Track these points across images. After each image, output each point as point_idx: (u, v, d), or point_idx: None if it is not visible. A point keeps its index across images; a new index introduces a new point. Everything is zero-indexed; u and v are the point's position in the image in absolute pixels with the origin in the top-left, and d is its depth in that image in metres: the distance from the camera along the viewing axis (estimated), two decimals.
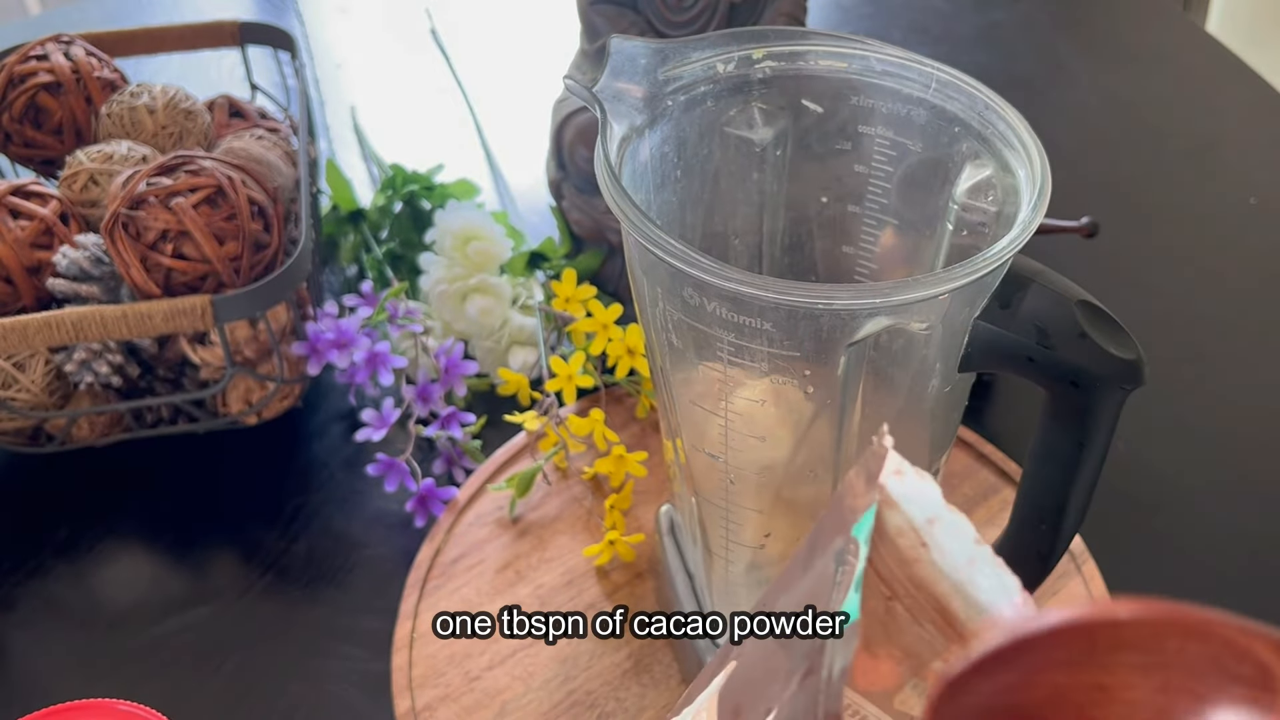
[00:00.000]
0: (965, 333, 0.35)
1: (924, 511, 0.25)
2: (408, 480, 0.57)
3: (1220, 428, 0.62)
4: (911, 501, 0.26)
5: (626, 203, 0.33)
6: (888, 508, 0.26)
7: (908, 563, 0.26)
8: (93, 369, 0.56)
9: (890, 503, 0.26)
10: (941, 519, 0.25)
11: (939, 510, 0.25)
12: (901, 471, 0.26)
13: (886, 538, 0.26)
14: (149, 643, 0.52)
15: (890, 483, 0.25)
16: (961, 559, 0.25)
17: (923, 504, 0.26)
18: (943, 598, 0.26)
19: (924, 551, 0.26)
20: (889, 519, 0.26)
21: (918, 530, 0.26)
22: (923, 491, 0.25)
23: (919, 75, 0.38)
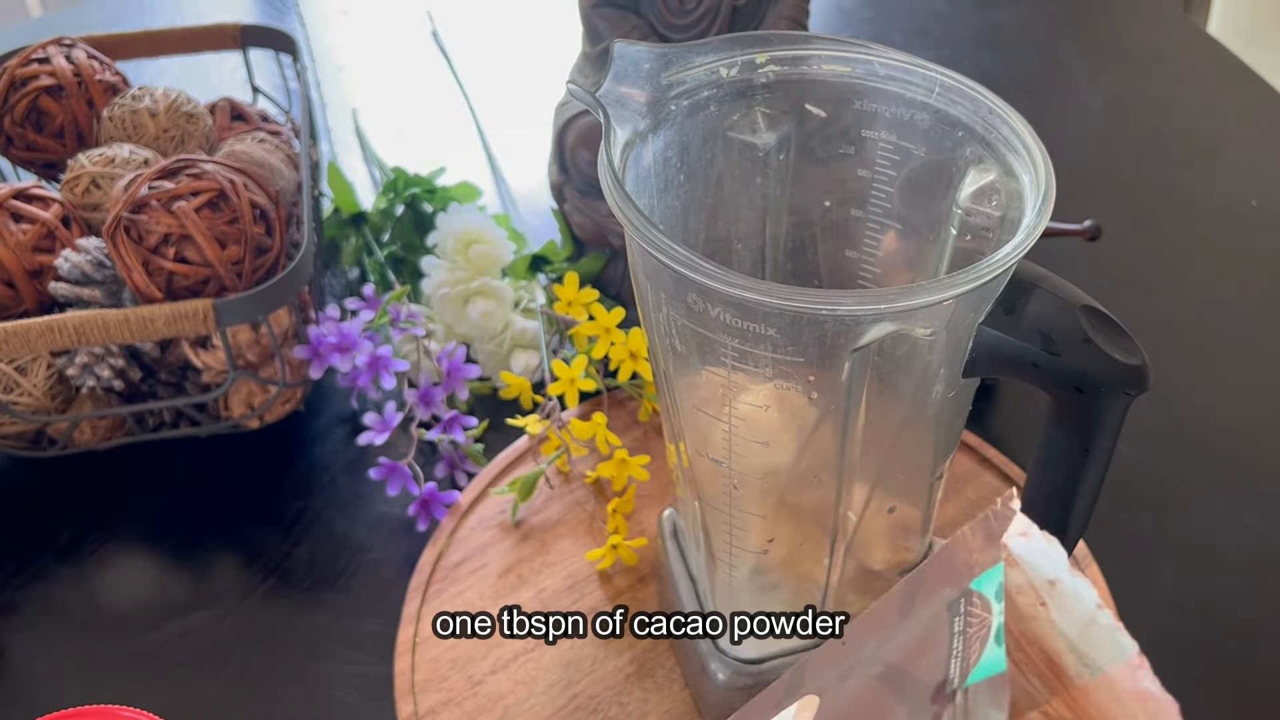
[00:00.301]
0: (969, 338, 0.35)
1: (1046, 574, 0.26)
2: (410, 484, 0.56)
3: (1224, 432, 0.62)
4: (1034, 563, 0.26)
5: (630, 208, 0.33)
6: (1010, 566, 0.27)
7: (1024, 619, 0.27)
8: (95, 373, 0.56)
9: (1013, 562, 0.26)
10: (1063, 583, 0.26)
11: (1062, 575, 0.26)
12: (1028, 534, 0.26)
13: (1005, 594, 0.27)
14: (151, 647, 0.52)
15: (1015, 543, 0.26)
16: (1081, 621, 0.26)
17: (1046, 566, 0.26)
18: (1055, 654, 0.27)
19: (1042, 610, 0.27)
20: (1010, 577, 0.27)
21: (1038, 590, 0.27)
22: (1047, 554, 0.26)
23: (922, 79, 0.38)
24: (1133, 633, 0.54)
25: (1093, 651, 0.26)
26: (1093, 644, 0.26)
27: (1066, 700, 0.27)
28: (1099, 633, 0.26)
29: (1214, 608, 0.53)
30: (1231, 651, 0.51)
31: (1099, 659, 0.26)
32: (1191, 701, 0.51)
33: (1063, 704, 0.28)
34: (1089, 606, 0.26)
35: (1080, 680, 0.27)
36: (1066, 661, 0.27)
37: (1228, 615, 0.53)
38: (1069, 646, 0.27)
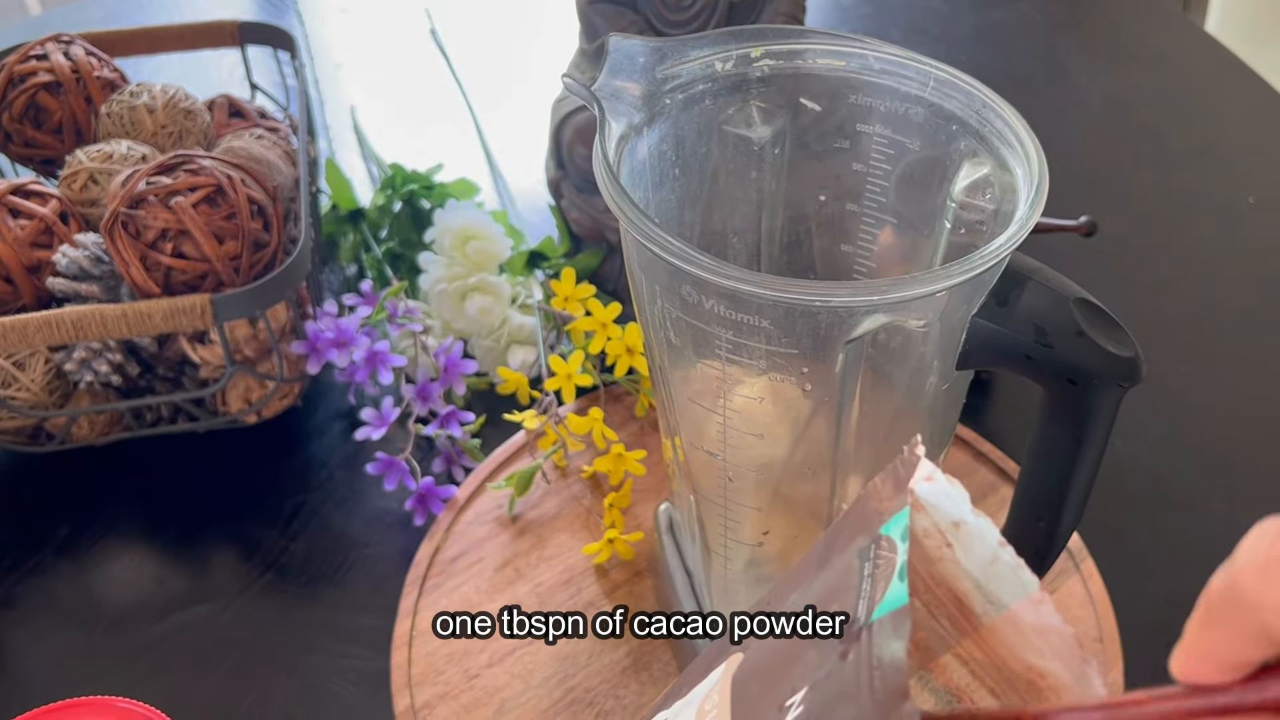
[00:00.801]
0: (963, 330, 0.35)
1: (951, 516, 0.27)
2: (407, 479, 0.57)
3: (1218, 425, 0.62)
4: (939, 506, 0.27)
5: (625, 201, 0.33)
6: (916, 511, 0.27)
7: (931, 561, 0.28)
8: (92, 368, 0.56)
9: (919, 506, 0.27)
10: (967, 522, 0.27)
11: (965, 514, 0.27)
12: (932, 478, 0.27)
13: (913, 538, 0.27)
14: (149, 641, 0.52)
15: (920, 487, 0.27)
16: (984, 559, 0.27)
17: (950, 509, 0.27)
18: (963, 595, 0.28)
19: (948, 551, 0.27)
20: (917, 521, 0.27)
21: (943, 532, 0.27)
22: (951, 497, 0.27)
23: (917, 74, 0.39)
24: (1128, 628, 0.54)
25: (997, 589, 0.27)
26: (996, 581, 0.27)
27: (975, 640, 0.28)
28: (1002, 570, 0.27)
29: None
30: None
31: (1003, 595, 0.27)
32: None
33: (972, 644, 0.28)
34: (991, 545, 0.27)
35: (987, 619, 0.28)
36: (973, 600, 0.28)
37: None
38: (975, 585, 0.27)
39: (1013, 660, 0.28)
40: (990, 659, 0.29)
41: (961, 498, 0.27)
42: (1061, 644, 0.27)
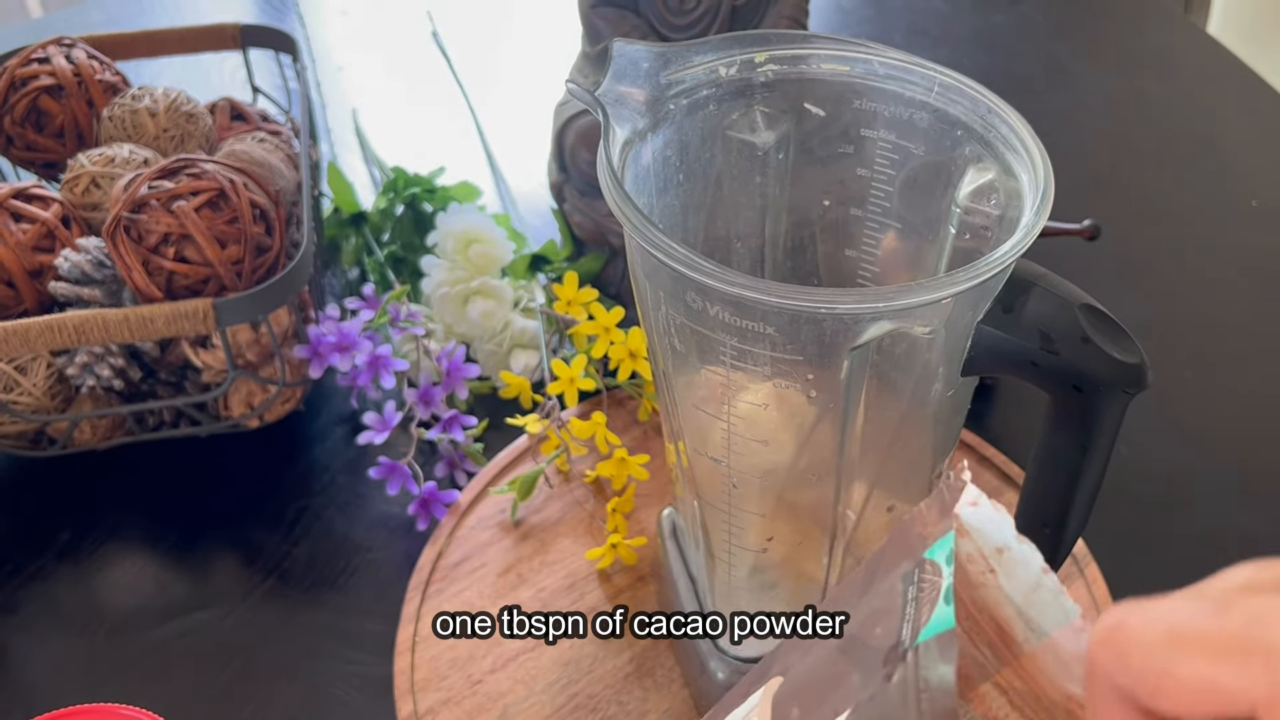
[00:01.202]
0: (968, 337, 0.35)
1: (995, 541, 0.27)
2: (410, 483, 0.56)
3: (1223, 430, 0.62)
4: (984, 531, 0.27)
5: (629, 207, 0.33)
6: (961, 536, 0.27)
7: (974, 587, 0.28)
8: (94, 372, 0.56)
9: (964, 531, 0.27)
10: (1011, 548, 0.27)
11: (1010, 541, 0.27)
12: (977, 503, 0.27)
13: (957, 563, 0.27)
14: (151, 646, 0.52)
15: (965, 512, 0.27)
16: (1027, 585, 0.27)
17: (994, 534, 0.27)
18: (1005, 621, 0.27)
19: (991, 577, 0.27)
20: (961, 546, 0.27)
21: (987, 558, 0.27)
22: (995, 522, 0.27)
23: (921, 79, 0.38)
24: None
25: (1038, 616, 0.27)
26: (1038, 608, 0.27)
27: (1015, 668, 0.28)
28: (1044, 596, 0.27)
29: None
30: None
31: (1044, 623, 0.27)
32: None
33: (1012, 673, 0.28)
34: (1035, 571, 0.27)
35: (1028, 646, 0.28)
36: (1015, 627, 0.28)
37: None
38: (1017, 612, 0.27)
39: (1052, 689, 0.28)
40: (1030, 688, 0.29)
41: (1006, 523, 0.27)
42: None
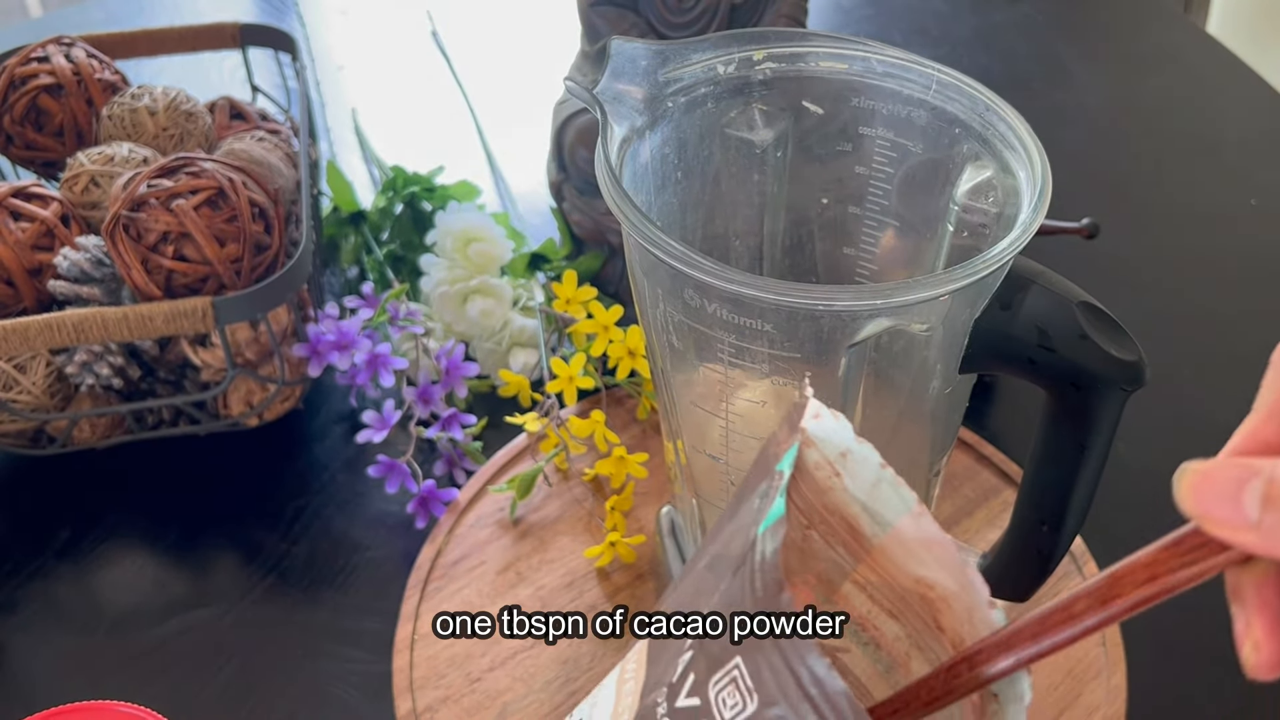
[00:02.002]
0: (966, 334, 0.35)
1: (838, 447, 0.29)
2: (409, 482, 0.57)
3: (1222, 430, 0.62)
4: (828, 439, 0.29)
5: (627, 204, 0.33)
6: (807, 446, 0.29)
7: (823, 491, 0.30)
8: (94, 371, 0.56)
9: (809, 442, 0.29)
10: (852, 451, 0.29)
11: (850, 444, 0.29)
12: (819, 415, 0.29)
13: (806, 472, 0.30)
14: (150, 645, 0.52)
15: (810, 425, 0.29)
16: (869, 482, 0.29)
17: (837, 441, 0.29)
18: (853, 519, 0.30)
19: (837, 480, 0.30)
20: (808, 456, 0.29)
21: (832, 463, 0.29)
22: (837, 430, 0.29)
23: (919, 77, 0.38)
24: (1131, 631, 0.54)
25: (881, 508, 0.29)
26: (881, 502, 0.29)
27: (869, 563, 0.30)
28: (885, 490, 0.29)
29: (1212, 605, 0.53)
30: (1230, 650, 0.51)
31: (887, 514, 0.29)
32: (1192, 698, 0.51)
33: (867, 568, 0.30)
34: (874, 468, 0.29)
35: (876, 539, 0.30)
36: (863, 523, 0.30)
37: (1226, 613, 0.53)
38: (862, 509, 0.30)
39: (902, 576, 0.30)
40: (884, 579, 0.31)
41: (846, 429, 0.29)
42: (943, 553, 0.29)
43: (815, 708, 0.23)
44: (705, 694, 0.25)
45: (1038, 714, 0.47)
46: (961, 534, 0.55)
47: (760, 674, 0.24)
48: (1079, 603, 0.24)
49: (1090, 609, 0.24)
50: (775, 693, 0.23)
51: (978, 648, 0.26)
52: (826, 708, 0.22)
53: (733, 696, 0.25)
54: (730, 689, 0.25)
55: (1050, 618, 0.24)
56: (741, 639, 0.25)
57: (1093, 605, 0.24)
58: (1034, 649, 0.25)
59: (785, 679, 0.23)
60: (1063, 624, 0.24)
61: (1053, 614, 0.24)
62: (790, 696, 0.23)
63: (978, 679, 0.26)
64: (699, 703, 0.26)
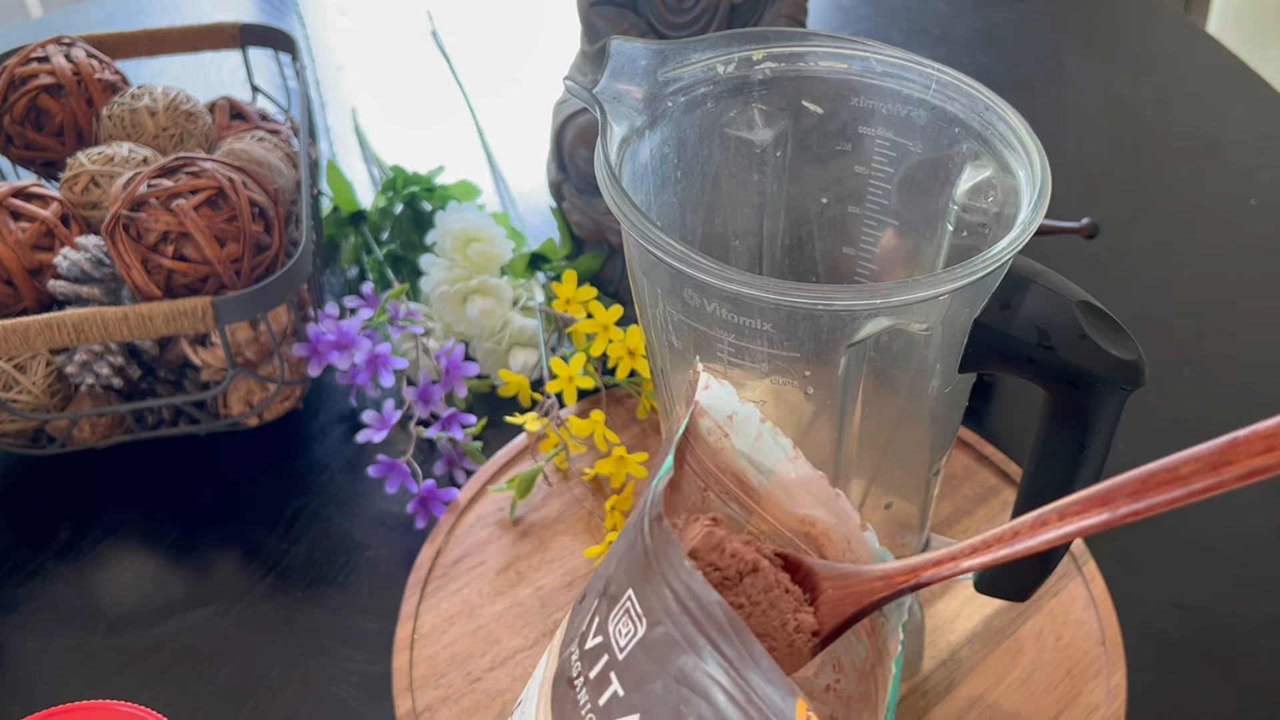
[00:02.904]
0: (965, 333, 0.35)
1: (725, 411, 0.32)
2: (409, 481, 0.57)
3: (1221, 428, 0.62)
4: (717, 407, 0.32)
5: (627, 204, 0.33)
6: (700, 415, 0.32)
7: (714, 452, 0.33)
8: (94, 371, 0.56)
9: (702, 412, 0.32)
10: (738, 413, 0.32)
11: (735, 407, 0.32)
12: (709, 387, 0.32)
13: (700, 438, 0.32)
14: (150, 644, 0.52)
15: (701, 397, 0.32)
16: (751, 436, 0.32)
17: (724, 406, 0.32)
18: (741, 473, 0.33)
19: (726, 440, 0.32)
20: (701, 424, 0.32)
21: (721, 426, 0.32)
22: (723, 396, 0.32)
23: (919, 76, 0.38)
24: (1131, 631, 0.54)
25: (763, 458, 0.32)
26: (762, 452, 0.32)
27: (759, 514, 0.33)
28: (764, 441, 0.32)
29: (1212, 605, 0.53)
30: (1230, 650, 0.51)
31: (769, 463, 0.32)
32: (1191, 699, 0.51)
33: (759, 519, 0.33)
34: (755, 423, 0.32)
35: (763, 489, 0.32)
36: (750, 476, 0.32)
37: (1226, 613, 0.53)
38: (749, 462, 0.32)
39: (788, 519, 0.32)
40: (773, 528, 0.33)
41: (731, 395, 0.32)
42: (819, 490, 0.31)
43: (694, 619, 0.25)
44: (606, 630, 0.28)
45: (1037, 713, 0.47)
46: (961, 533, 0.55)
47: (648, 598, 0.26)
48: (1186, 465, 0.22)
49: (1198, 473, 0.22)
50: (660, 613, 0.26)
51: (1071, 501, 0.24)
52: (703, 617, 0.24)
53: (626, 625, 0.27)
54: (624, 619, 0.27)
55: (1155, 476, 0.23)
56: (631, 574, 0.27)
57: (1201, 469, 0.22)
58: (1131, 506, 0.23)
59: (667, 598, 0.25)
60: (1167, 484, 0.23)
61: (1157, 473, 0.23)
62: (672, 614, 0.25)
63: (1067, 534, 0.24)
64: (602, 640, 0.28)
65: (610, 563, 0.30)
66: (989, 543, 0.26)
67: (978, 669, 0.49)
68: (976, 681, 0.48)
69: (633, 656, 0.26)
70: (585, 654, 0.28)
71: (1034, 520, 0.25)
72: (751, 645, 0.24)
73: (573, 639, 0.30)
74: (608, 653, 0.27)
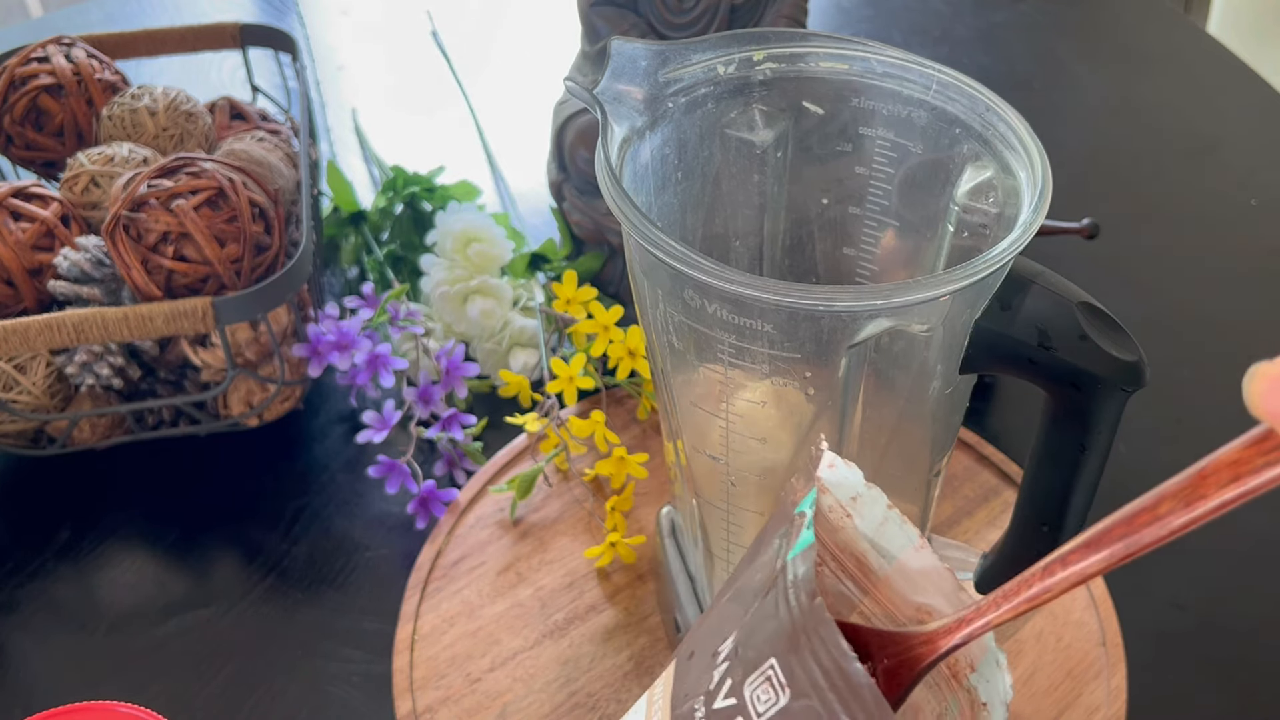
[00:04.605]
0: (966, 334, 0.35)
1: (849, 491, 0.32)
2: (409, 482, 0.57)
3: (1222, 431, 0.62)
4: (840, 485, 0.32)
5: (627, 205, 0.33)
6: (822, 493, 0.32)
7: (835, 530, 0.33)
8: (94, 371, 0.56)
9: (824, 489, 0.32)
10: (862, 495, 0.32)
11: (860, 489, 0.32)
12: (834, 464, 0.32)
13: (820, 515, 0.32)
14: (150, 645, 0.52)
15: (824, 473, 0.32)
16: (877, 521, 0.32)
17: (848, 486, 0.32)
18: (862, 555, 0.33)
19: (848, 521, 0.32)
20: (822, 501, 0.32)
21: (844, 505, 0.32)
22: (848, 477, 0.32)
23: (920, 77, 0.38)
24: (1131, 631, 0.54)
25: (887, 544, 0.32)
26: (887, 538, 0.32)
27: (874, 595, 0.33)
28: (891, 528, 0.32)
29: (1213, 606, 0.53)
30: (1230, 650, 0.51)
31: (892, 549, 0.32)
32: (1191, 699, 0.51)
33: (872, 600, 0.33)
34: (881, 508, 0.32)
35: (882, 571, 0.33)
36: (870, 558, 0.33)
37: (1227, 613, 0.53)
38: (870, 545, 0.32)
39: (904, 604, 0.33)
40: (886, 610, 0.33)
41: (857, 475, 0.32)
42: (942, 581, 0.31)
43: (841, 698, 0.25)
44: (741, 694, 0.27)
45: (1038, 714, 0.47)
46: (961, 534, 0.55)
47: (792, 671, 0.26)
48: (1164, 504, 0.24)
49: (1174, 510, 0.24)
50: (806, 686, 0.26)
51: (1068, 549, 0.26)
52: (851, 698, 0.25)
53: (766, 693, 0.27)
54: (764, 687, 0.27)
55: (1137, 518, 0.24)
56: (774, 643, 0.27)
57: (1177, 506, 0.24)
58: (1122, 547, 0.25)
59: (815, 673, 0.25)
60: (1148, 524, 0.24)
61: (1139, 514, 0.24)
62: (819, 689, 0.25)
63: (1068, 580, 0.26)
64: (735, 702, 0.28)
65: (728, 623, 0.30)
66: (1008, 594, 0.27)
67: None
68: None
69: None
70: (714, 713, 0.28)
71: (1041, 569, 0.27)
72: None
73: (692, 694, 0.30)
74: (742, 715, 0.27)
